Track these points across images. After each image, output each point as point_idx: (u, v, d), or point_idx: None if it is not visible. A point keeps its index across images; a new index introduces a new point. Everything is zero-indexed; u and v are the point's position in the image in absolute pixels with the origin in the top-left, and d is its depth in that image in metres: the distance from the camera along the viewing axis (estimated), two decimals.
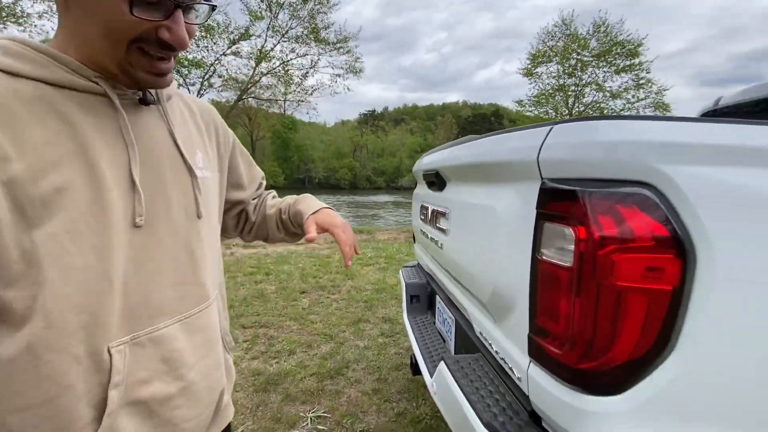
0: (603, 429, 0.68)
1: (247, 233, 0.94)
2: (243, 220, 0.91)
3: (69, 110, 0.50)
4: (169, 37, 0.50)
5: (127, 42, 0.49)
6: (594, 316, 0.67)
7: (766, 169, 0.64)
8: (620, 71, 15.45)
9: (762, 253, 0.62)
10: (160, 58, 0.53)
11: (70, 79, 0.50)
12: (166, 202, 0.57)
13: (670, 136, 0.65)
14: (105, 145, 0.51)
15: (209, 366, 0.64)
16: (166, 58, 0.54)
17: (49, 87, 0.49)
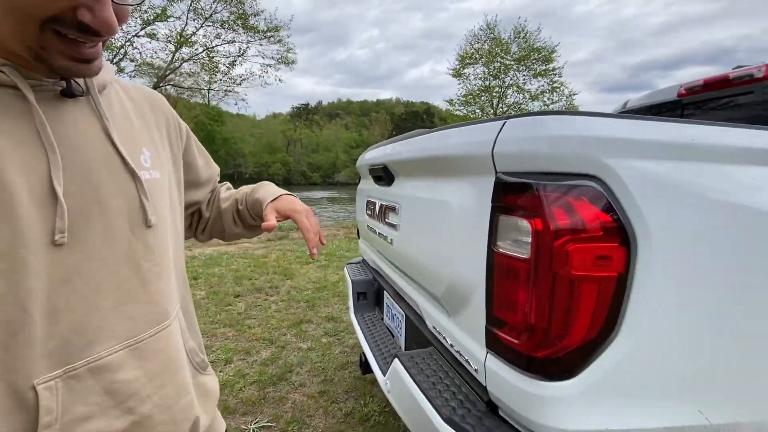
0: (559, 412, 0.71)
1: (201, 232, 0.84)
2: (196, 219, 0.83)
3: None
4: (90, 20, 0.41)
5: (38, 22, 0.39)
6: (550, 305, 0.69)
7: (699, 163, 0.71)
8: (537, 75, 16.92)
9: (693, 239, 0.69)
10: (81, 41, 0.43)
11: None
12: (101, 212, 0.48)
13: (613, 131, 0.70)
14: (15, 149, 0.42)
15: (170, 395, 0.54)
16: (89, 42, 0.44)
17: None
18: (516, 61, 16.96)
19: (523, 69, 17.17)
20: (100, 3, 0.41)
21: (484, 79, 17.90)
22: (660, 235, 0.67)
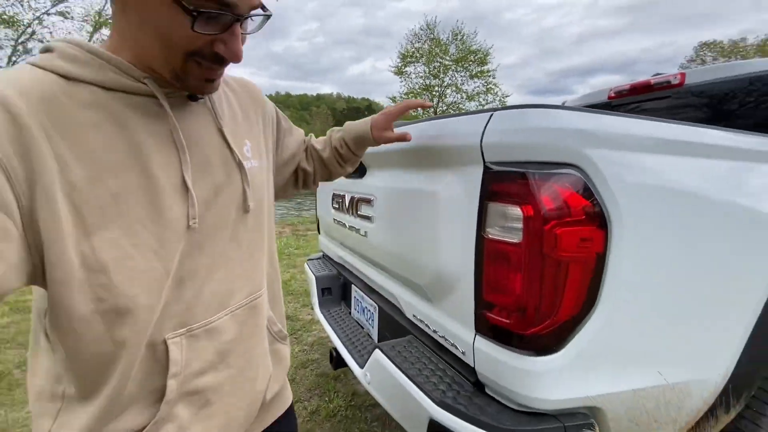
0: (545, 384, 0.77)
1: (311, 184, 0.96)
2: (302, 176, 0.93)
3: (121, 113, 0.50)
4: (224, 51, 0.51)
5: (183, 54, 0.50)
6: (540, 285, 0.74)
7: (665, 156, 0.80)
8: (474, 76, 17.78)
9: (655, 223, 0.78)
10: (214, 68, 0.53)
11: (119, 81, 0.50)
12: (216, 199, 0.58)
13: (591, 125, 0.76)
14: (156, 149, 0.52)
15: (256, 355, 0.65)
16: (219, 69, 0.54)
17: (102, 90, 0.49)
18: (454, 62, 17.66)
19: (460, 70, 17.94)
20: (234, 37, 0.51)
21: (425, 77, 18.41)
22: (629, 218, 0.75)
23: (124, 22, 0.50)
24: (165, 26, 0.47)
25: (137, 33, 0.50)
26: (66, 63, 0.48)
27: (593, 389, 0.79)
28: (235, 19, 0.49)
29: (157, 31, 0.48)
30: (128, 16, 0.49)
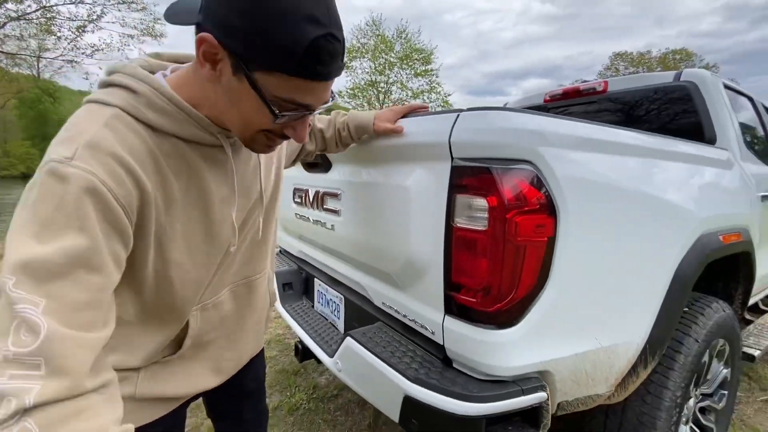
0: (506, 354, 0.88)
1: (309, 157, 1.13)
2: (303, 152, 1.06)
3: (195, 162, 0.61)
4: (293, 134, 0.62)
5: (258, 129, 0.60)
6: (502, 267, 0.84)
7: (599, 154, 0.94)
8: (418, 75, 18.23)
9: (592, 212, 0.92)
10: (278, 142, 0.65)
11: (197, 134, 0.60)
12: (244, 228, 0.76)
13: (543, 126, 0.88)
14: (217, 191, 0.66)
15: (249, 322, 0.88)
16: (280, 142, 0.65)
17: (181, 141, 0.59)
18: (399, 59, 17.93)
19: (405, 68, 18.27)
20: (303, 124, 0.61)
21: (371, 73, 18.48)
22: (573, 207, 0.88)
23: (210, 88, 0.57)
24: (250, 113, 0.56)
25: (221, 103, 0.57)
26: (155, 115, 0.55)
27: (544, 356, 0.91)
28: (309, 113, 0.59)
29: (241, 113, 0.57)
30: (218, 88, 0.56)
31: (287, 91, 0.54)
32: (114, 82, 0.56)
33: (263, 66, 0.52)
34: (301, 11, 0.49)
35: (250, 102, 0.54)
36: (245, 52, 0.51)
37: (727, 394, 1.55)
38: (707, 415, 1.52)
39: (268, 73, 0.52)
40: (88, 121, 0.52)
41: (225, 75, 0.53)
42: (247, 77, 0.52)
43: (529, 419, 0.98)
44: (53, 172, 0.47)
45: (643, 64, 30.51)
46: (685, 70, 1.93)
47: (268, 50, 0.50)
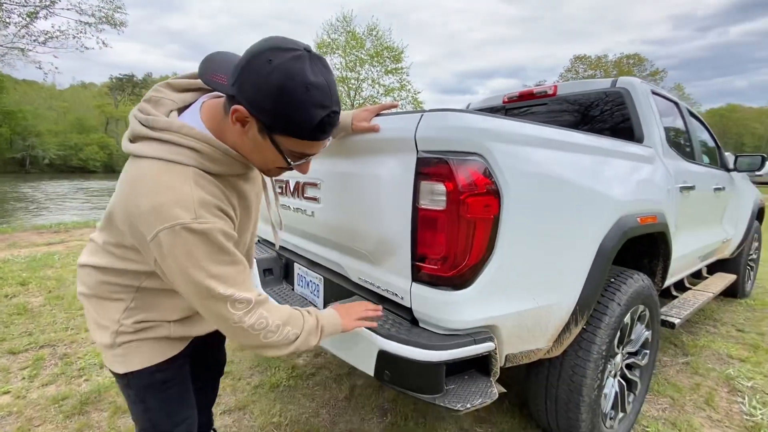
0: (461, 311, 1.07)
1: None
2: None
3: (242, 188, 0.89)
4: (299, 169, 0.88)
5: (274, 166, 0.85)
6: (457, 239, 1.04)
7: (534, 148, 1.15)
8: (389, 72, 18.42)
9: (529, 195, 1.13)
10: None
11: (241, 170, 0.85)
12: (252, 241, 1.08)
13: (490, 125, 1.08)
14: (255, 200, 0.98)
15: None
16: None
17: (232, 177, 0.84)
18: (370, 56, 18.03)
19: (376, 65, 18.39)
20: (308, 163, 0.88)
21: (341, 69, 18.45)
22: (514, 191, 1.09)
23: (239, 138, 0.78)
24: (270, 158, 0.81)
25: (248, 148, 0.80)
26: (217, 167, 0.79)
27: (491, 312, 1.12)
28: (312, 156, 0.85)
29: (263, 157, 0.81)
30: (245, 139, 0.78)
31: (299, 148, 0.79)
32: (177, 142, 0.75)
33: (282, 132, 0.75)
34: (314, 101, 0.71)
35: (271, 152, 0.78)
36: (270, 123, 0.73)
37: (648, 352, 1.84)
38: (633, 370, 1.81)
39: (285, 137, 0.75)
40: (180, 182, 0.73)
41: (251, 131, 0.75)
42: (270, 138, 0.75)
43: (481, 368, 1.19)
44: (189, 230, 0.71)
45: (600, 67, 32.20)
46: (620, 78, 2.22)
47: (288, 125, 0.73)
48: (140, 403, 0.93)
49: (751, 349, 2.64)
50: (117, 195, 0.78)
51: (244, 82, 0.70)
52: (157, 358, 0.91)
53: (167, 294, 0.89)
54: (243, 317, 0.77)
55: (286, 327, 0.84)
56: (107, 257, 0.86)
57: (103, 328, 0.88)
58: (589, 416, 1.46)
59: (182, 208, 0.70)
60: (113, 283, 0.87)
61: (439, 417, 1.86)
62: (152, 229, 0.70)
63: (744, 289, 3.65)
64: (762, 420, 1.89)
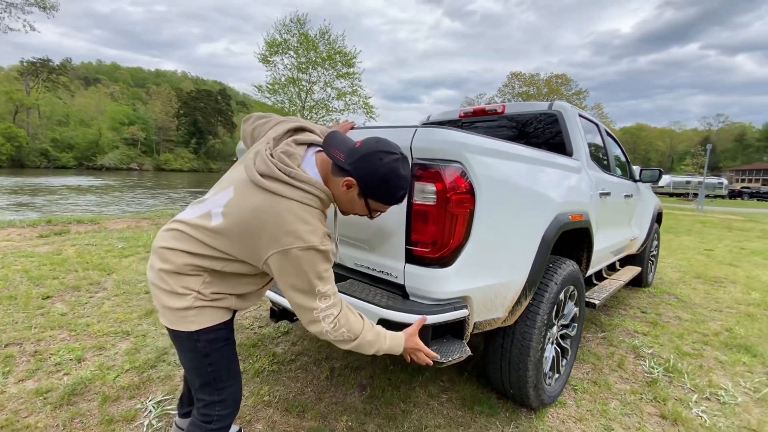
0: (444, 285, 1.37)
1: None
2: None
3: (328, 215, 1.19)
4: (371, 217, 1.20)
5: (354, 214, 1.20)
6: (443, 228, 1.33)
7: (497, 159, 1.48)
8: (340, 76, 18.58)
9: (495, 196, 1.46)
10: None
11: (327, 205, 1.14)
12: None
13: (468, 140, 1.39)
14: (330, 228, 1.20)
15: None
16: None
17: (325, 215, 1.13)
18: (323, 59, 18.06)
19: (329, 68, 18.46)
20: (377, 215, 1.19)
21: (292, 70, 18.28)
22: (484, 192, 1.41)
23: (340, 193, 1.11)
24: (359, 209, 1.15)
25: (344, 200, 1.13)
26: (323, 206, 1.11)
27: (466, 285, 1.43)
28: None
29: (354, 208, 1.15)
30: (344, 196, 1.11)
31: (380, 208, 1.14)
32: (310, 192, 1.06)
33: (374, 199, 1.11)
34: (400, 186, 1.10)
35: (361, 207, 1.14)
36: (370, 193, 1.10)
37: (577, 325, 2.29)
38: (565, 340, 2.24)
39: (374, 201, 1.11)
40: (313, 219, 1.04)
41: (352, 193, 1.10)
42: (365, 200, 1.11)
43: (456, 334, 1.49)
44: (317, 250, 1.01)
45: (533, 84, 35.15)
46: (555, 102, 2.69)
47: (381, 196, 1.10)
48: (205, 358, 1.13)
49: (651, 325, 3.27)
50: (250, 215, 1.03)
51: (359, 167, 1.07)
52: (220, 320, 1.14)
53: (236, 276, 1.14)
54: (325, 310, 1.07)
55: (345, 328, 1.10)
56: (202, 248, 1.07)
57: (181, 295, 1.07)
58: (534, 373, 1.84)
59: (313, 234, 1.02)
60: (197, 265, 1.08)
61: (411, 388, 2.15)
62: (288, 245, 1.00)
63: (647, 279, 4.42)
64: (658, 376, 2.42)
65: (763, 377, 2.47)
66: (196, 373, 1.16)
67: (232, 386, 1.20)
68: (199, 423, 1.18)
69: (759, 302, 4.01)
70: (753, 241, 8.78)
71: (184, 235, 1.09)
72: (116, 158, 60.24)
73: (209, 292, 1.10)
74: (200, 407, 1.19)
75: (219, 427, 1.18)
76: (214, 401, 1.17)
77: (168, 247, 1.09)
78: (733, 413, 2.08)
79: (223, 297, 1.13)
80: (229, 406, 1.20)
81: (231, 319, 1.21)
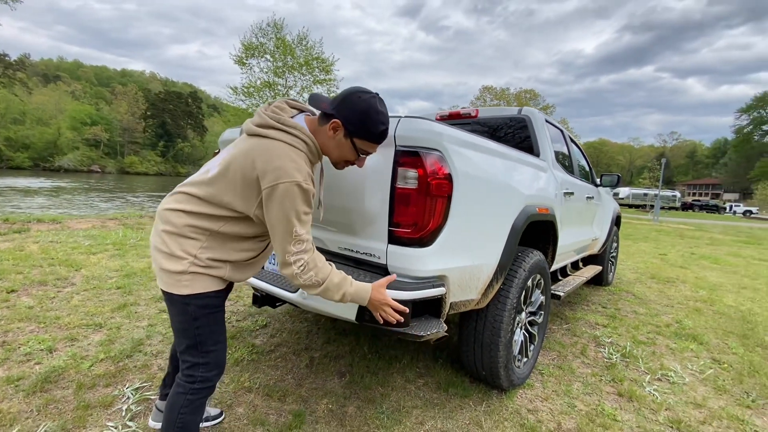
0: (424, 263, 1.47)
1: None
2: None
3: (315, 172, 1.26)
4: (358, 163, 1.29)
5: (343, 159, 1.27)
6: (424, 211, 1.44)
7: (472, 150, 1.62)
8: (318, 82, 18.61)
9: (471, 183, 1.59)
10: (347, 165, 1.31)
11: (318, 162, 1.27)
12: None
13: (447, 131, 1.51)
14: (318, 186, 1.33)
15: None
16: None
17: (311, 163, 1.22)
18: (300, 65, 18.06)
19: (306, 74, 18.47)
20: (364, 159, 1.30)
21: (269, 73, 18.15)
22: (461, 179, 1.54)
23: (327, 139, 1.21)
24: (346, 153, 1.24)
25: (331, 147, 1.23)
26: (311, 155, 1.20)
27: (444, 265, 1.54)
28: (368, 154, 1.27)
29: (341, 153, 1.24)
30: (331, 141, 1.21)
31: (365, 147, 1.23)
32: (299, 136, 1.16)
33: (359, 136, 1.20)
34: (380, 120, 1.19)
35: (348, 149, 1.22)
36: (354, 131, 1.18)
37: (543, 313, 2.45)
38: (533, 326, 2.40)
39: (359, 140, 1.20)
40: (299, 160, 1.12)
41: (339, 136, 1.20)
42: (351, 141, 1.20)
43: (434, 312, 1.60)
44: (300, 187, 1.09)
45: (504, 98, 36.53)
46: (524, 107, 2.90)
47: (365, 133, 1.19)
48: (193, 321, 1.18)
49: (610, 318, 3.51)
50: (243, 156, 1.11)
51: (342, 108, 1.18)
52: (213, 288, 1.19)
53: (233, 240, 1.20)
54: (297, 254, 1.13)
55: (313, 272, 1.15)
56: (201, 206, 1.15)
57: (178, 258, 1.13)
58: (505, 353, 1.97)
59: (299, 172, 1.09)
60: (197, 226, 1.14)
61: (389, 373, 2.23)
62: (274, 180, 1.06)
63: (607, 278, 4.72)
64: (616, 361, 2.62)
65: (707, 361, 2.73)
66: (184, 335, 1.21)
67: (215, 351, 1.24)
68: (182, 383, 1.23)
69: (705, 299, 4.37)
70: (702, 247, 9.49)
71: (186, 196, 1.16)
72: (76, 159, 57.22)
73: (205, 257, 1.15)
74: (184, 368, 1.23)
75: (201, 387, 1.22)
76: (198, 363, 1.21)
77: (170, 208, 1.16)
78: (681, 391, 2.29)
79: (218, 265, 1.18)
80: (212, 369, 1.24)
81: (225, 290, 1.26)
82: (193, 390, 1.21)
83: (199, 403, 1.24)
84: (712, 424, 1.97)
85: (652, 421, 1.95)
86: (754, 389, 2.36)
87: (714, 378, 2.47)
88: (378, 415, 1.83)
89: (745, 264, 7.16)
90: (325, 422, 1.75)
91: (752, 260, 7.73)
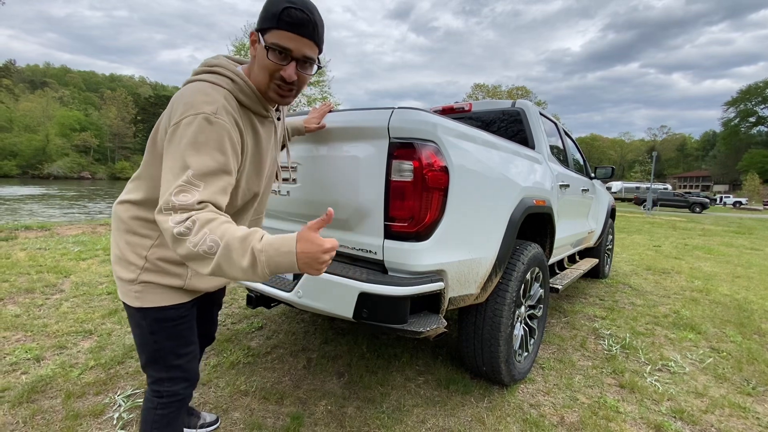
0: (421, 258, 1.44)
1: None
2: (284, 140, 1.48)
3: (259, 131, 1.07)
4: (286, 75, 0.97)
5: (268, 77, 0.98)
6: (420, 204, 1.40)
7: (468, 142, 1.58)
8: (310, 84, 18.56)
9: (466, 176, 1.56)
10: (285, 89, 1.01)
11: (260, 109, 1.05)
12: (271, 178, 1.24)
13: (442, 122, 1.48)
14: (267, 145, 1.13)
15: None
16: (287, 89, 1.01)
17: (250, 112, 1.03)
18: None
19: None
20: (289, 68, 0.97)
21: None
22: (457, 170, 1.50)
23: (254, 66, 0.99)
24: (263, 62, 0.96)
25: (256, 71, 0.99)
26: (242, 96, 0.99)
27: (441, 259, 1.50)
28: (290, 58, 0.95)
29: (260, 65, 0.97)
30: (254, 63, 0.99)
31: (278, 39, 0.92)
32: (221, 72, 0.98)
33: (266, 26, 0.93)
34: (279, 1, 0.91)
35: (263, 55, 0.94)
36: (260, 27, 0.95)
37: (542, 306, 2.43)
38: (533, 320, 2.37)
39: (268, 32, 0.93)
40: (214, 93, 0.92)
41: (258, 48, 0.96)
42: (263, 39, 0.94)
43: (432, 308, 1.56)
44: (207, 120, 0.87)
45: (495, 95, 36.71)
46: (518, 100, 2.87)
47: (269, 20, 0.92)
48: (150, 335, 1.05)
49: (608, 311, 3.50)
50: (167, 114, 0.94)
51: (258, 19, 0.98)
52: (169, 302, 1.04)
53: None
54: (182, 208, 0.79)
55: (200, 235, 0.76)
56: (143, 190, 1.01)
57: (128, 264, 1.01)
58: (506, 348, 1.94)
59: (209, 104, 0.88)
60: (143, 218, 1.02)
61: (388, 372, 2.19)
62: (180, 116, 0.86)
63: (604, 271, 4.72)
64: (616, 352, 2.60)
65: (706, 350, 2.72)
66: (142, 349, 1.09)
67: (180, 365, 1.11)
68: (149, 398, 1.13)
69: (701, 289, 4.39)
70: (695, 238, 9.57)
71: (133, 183, 1.06)
72: (66, 166, 56.46)
73: (156, 259, 1.01)
74: (149, 383, 1.13)
75: (169, 401, 1.11)
76: (161, 378, 1.10)
77: (119, 200, 1.07)
78: (682, 381, 2.27)
79: (174, 270, 1.02)
80: (178, 383, 1.12)
81: (191, 302, 1.12)
82: (162, 404, 1.10)
83: (172, 417, 1.13)
84: (714, 412, 1.96)
85: (654, 412, 1.94)
86: (754, 376, 2.35)
87: (714, 367, 2.47)
88: (378, 415, 1.79)
89: (737, 253, 7.22)
90: (324, 424, 1.71)
91: (744, 250, 7.81)
